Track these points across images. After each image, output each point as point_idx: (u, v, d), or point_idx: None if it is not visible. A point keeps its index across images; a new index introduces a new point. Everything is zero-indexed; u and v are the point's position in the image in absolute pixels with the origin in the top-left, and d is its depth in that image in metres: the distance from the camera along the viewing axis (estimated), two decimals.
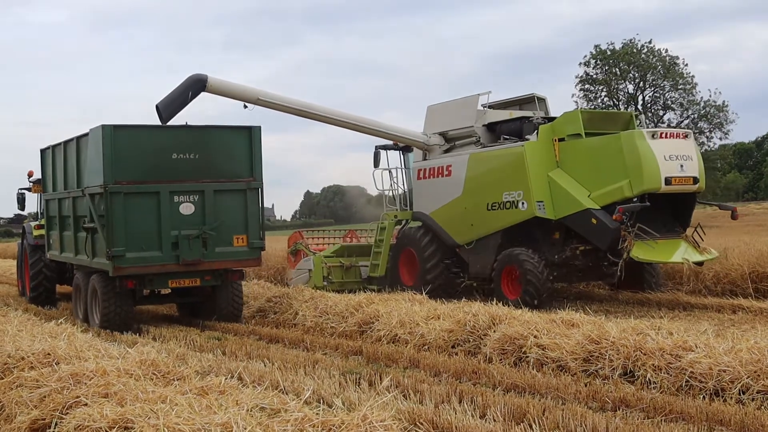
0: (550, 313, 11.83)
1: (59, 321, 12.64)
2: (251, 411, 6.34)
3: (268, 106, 18.94)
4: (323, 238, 23.63)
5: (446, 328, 11.82)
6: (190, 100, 17.57)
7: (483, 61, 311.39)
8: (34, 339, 10.17)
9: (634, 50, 62.15)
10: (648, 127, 17.09)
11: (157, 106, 17.54)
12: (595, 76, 64.16)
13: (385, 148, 21.03)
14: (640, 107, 63.39)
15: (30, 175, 22.93)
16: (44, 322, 12.97)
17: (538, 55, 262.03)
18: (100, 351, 9.34)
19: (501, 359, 10.57)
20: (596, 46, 63.69)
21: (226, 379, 7.79)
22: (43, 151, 18.78)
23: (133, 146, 15.01)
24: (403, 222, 20.64)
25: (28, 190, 23.33)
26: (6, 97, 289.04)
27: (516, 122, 18.32)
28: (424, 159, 19.95)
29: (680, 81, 61.44)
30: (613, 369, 9.33)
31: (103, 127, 14.76)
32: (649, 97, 63.67)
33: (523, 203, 16.97)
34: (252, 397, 6.79)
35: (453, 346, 11.44)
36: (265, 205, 16.15)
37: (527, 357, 10.28)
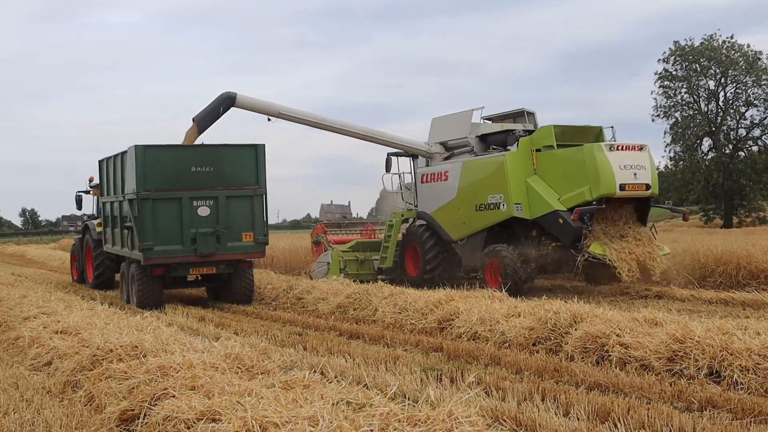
0: (632, 312, 11.65)
1: (145, 315, 12.96)
2: (337, 405, 6.39)
3: (288, 119, 21.98)
4: (344, 232, 26.86)
5: (527, 325, 11.75)
6: (222, 114, 20.93)
7: (551, 58, 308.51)
8: (122, 332, 10.43)
9: (715, 45, 60.86)
10: (611, 141, 19.12)
11: (193, 119, 20.61)
12: (674, 73, 63.04)
13: (396, 155, 23.30)
14: (721, 104, 62.08)
15: (90, 180, 26.32)
16: (130, 316, 13.26)
17: (608, 52, 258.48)
18: (185, 344, 9.51)
19: (583, 357, 10.45)
20: (675, 42, 62.68)
21: (309, 373, 7.85)
22: (100, 162, 21.89)
23: (160, 161, 18.12)
24: (410, 220, 22.85)
25: (86, 192, 26.89)
26: (84, 98, 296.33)
27: (502, 134, 20.76)
28: (427, 165, 22.52)
29: (763, 76, 59.95)
30: (699, 369, 9.13)
31: (136, 147, 17.89)
32: (731, 93, 62.28)
33: (503, 205, 19.37)
34: (336, 391, 6.84)
35: (534, 344, 11.36)
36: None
37: (610, 356, 10.14)
